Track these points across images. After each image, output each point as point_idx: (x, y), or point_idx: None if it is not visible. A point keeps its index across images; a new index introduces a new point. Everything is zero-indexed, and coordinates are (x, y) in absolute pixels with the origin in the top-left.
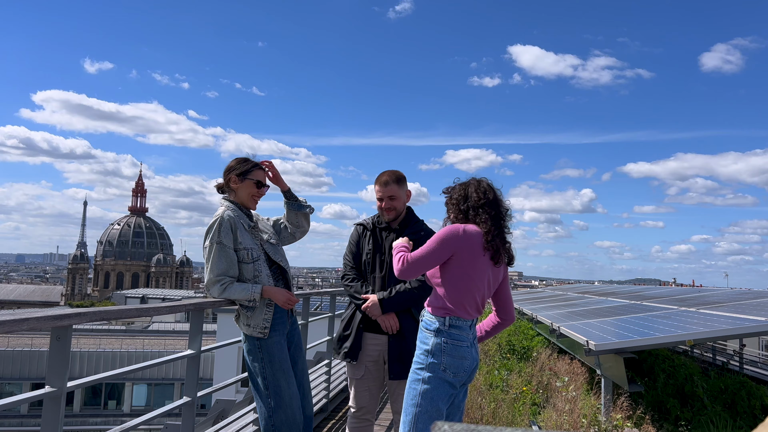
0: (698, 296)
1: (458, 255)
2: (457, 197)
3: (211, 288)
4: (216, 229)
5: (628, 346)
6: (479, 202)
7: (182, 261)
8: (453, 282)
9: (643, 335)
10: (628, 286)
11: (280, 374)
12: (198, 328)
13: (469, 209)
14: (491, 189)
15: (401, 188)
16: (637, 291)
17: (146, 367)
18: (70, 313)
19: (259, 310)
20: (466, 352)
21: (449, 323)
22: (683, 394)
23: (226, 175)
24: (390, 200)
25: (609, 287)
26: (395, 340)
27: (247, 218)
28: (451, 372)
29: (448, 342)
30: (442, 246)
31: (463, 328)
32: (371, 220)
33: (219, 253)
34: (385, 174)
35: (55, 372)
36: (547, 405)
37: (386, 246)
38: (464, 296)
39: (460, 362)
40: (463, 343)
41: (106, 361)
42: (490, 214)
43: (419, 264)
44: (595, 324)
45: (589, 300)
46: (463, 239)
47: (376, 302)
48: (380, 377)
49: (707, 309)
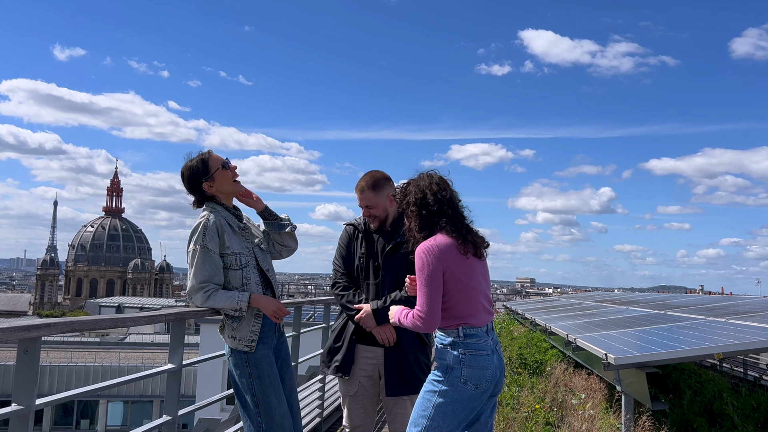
0: (728, 305)
1: (448, 270)
2: (413, 201)
3: (194, 296)
4: (200, 231)
5: (651, 360)
6: (436, 207)
7: (162, 266)
8: (454, 296)
9: (667, 348)
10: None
11: (270, 391)
12: (179, 340)
13: (431, 215)
14: (444, 184)
15: (378, 194)
16: (661, 299)
17: (122, 383)
18: (39, 323)
19: (247, 321)
20: (487, 360)
21: (464, 333)
22: (711, 412)
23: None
24: (367, 209)
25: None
26: (392, 352)
27: (236, 219)
28: (472, 384)
29: (466, 353)
30: (433, 271)
31: (479, 336)
32: (363, 220)
33: (203, 258)
34: (362, 179)
35: (23, 388)
36: (562, 424)
37: (379, 249)
38: (470, 304)
39: (482, 372)
40: (483, 351)
41: (78, 377)
42: (449, 215)
43: (433, 308)
44: (615, 336)
45: (608, 309)
46: (443, 255)
47: (370, 312)
48: (376, 393)
49: (738, 319)
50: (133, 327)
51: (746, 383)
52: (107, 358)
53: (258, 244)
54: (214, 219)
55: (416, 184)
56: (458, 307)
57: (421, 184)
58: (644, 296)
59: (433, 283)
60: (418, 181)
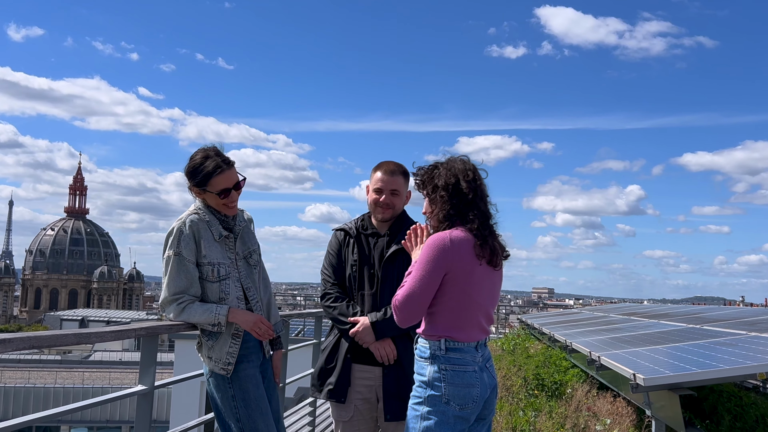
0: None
1: (452, 271)
2: (444, 184)
3: (167, 308)
4: (175, 236)
5: (686, 381)
6: (471, 195)
7: (131, 275)
8: (446, 302)
9: (703, 367)
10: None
11: (257, 415)
12: (151, 358)
13: (461, 205)
14: (478, 174)
15: (406, 184)
16: (697, 312)
17: (87, 406)
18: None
19: (224, 340)
20: (473, 378)
21: (445, 346)
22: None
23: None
24: (392, 195)
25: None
26: (391, 371)
27: (219, 225)
28: (456, 404)
29: (447, 369)
30: (434, 267)
31: (465, 351)
32: (354, 224)
33: (178, 266)
34: (392, 163)
35: None
36: None
37: (375, 255)
38: (462, 316)
39: (467, 391)
40: (468, 367)
41: (36, 399)
42: (480, 209)
43: (414, 301)
44: (645, 353)
45: (636, 323)
46: (452, 252)
47: (367, 326)
48: (373, 418)
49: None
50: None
51: None
52: (69, 378)
53: (245, 256)
54: (191, 223)
55: (448, 167)
56: (447, 316)
57: (455, 168)
58: (677, 308)
59: (428, 278)
60: (451, 164)
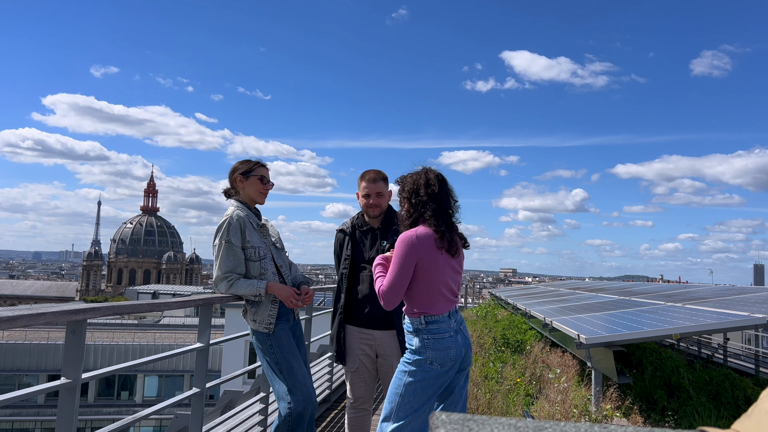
0: (684, 292)
1: (421, 261)
2: (408, 189)
3: (219, 284)
4: (225, 228)
5: (618, 340)
6: (425, 198)
7: (192, 258)
8: (418, 286)
9: (631, 329)
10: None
11: (290, 356)
12: (207, 322)
13: (419, 204)
14: (436, 181)
15: (386, 186)
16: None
17: (157, 359)
18: (85, 308)
19: (265, 306)
20: (450, 341)
21: (425, 321)
22: (670, 385)
23: (231, 176)
24: (377, 197)
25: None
26: (386, 335)
27: (255, 217)
28: (438, 364)
29: (429, 338)
30: (406, 260)
31: (441, 321)
32: (351, 222)
33: (227, 251)
34: (373, 171)
35: (71, 364)
36: (540, 396)
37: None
38: (432, 296)
39: (446, 353)
40: (445, 334)
41: (119, 354)
42: (434, 209)
43: (395, 288)
44: (586, 318)
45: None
46: (419, 245)
47: None
48: (374, 369)
49: (693, 304)
50: (167, 311)
51: (700, 360)
52: (144, 338)
53: (274, 242)
54: (238, 216)
55: (413, 177)
56: (421, 296)
57: (417, 177)
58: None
59: (403, 270)
60: (416, 174)
